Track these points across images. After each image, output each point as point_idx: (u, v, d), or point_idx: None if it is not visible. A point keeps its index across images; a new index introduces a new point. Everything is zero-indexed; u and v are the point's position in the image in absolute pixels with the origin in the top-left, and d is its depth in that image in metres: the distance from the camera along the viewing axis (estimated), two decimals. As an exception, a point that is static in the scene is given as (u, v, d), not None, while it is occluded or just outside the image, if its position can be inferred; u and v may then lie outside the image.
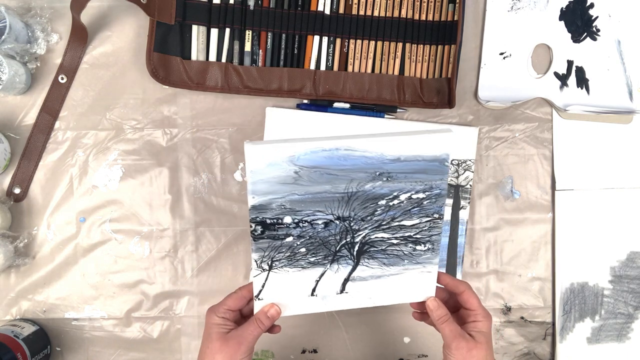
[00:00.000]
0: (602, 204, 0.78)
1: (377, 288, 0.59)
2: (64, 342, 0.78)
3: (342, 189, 0.54)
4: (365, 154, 0.53)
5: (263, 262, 0.56)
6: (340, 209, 0.55)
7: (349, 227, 0.56)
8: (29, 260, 0.77)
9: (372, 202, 0.55)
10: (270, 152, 0.51)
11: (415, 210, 0.56)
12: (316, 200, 0.54)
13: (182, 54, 0.76)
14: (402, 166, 0.53)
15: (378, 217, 0.55)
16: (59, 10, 0.76)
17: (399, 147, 0.53)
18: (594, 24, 0.77)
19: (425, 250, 0.58)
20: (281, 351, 0.78)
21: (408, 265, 0.58)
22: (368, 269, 0.58)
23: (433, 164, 0.54)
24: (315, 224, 0.55)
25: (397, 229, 0.56)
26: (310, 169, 0.52)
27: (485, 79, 0.77)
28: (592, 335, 0.78)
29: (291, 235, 0.55)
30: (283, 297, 0.58)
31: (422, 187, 0.55)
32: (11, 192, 0.77)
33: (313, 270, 0.57)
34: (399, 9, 0.76)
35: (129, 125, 0.77)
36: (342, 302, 0.59)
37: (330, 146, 0.52)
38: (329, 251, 0.56)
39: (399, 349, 0.79)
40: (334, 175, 0.53)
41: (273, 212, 0.53)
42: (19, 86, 0.74)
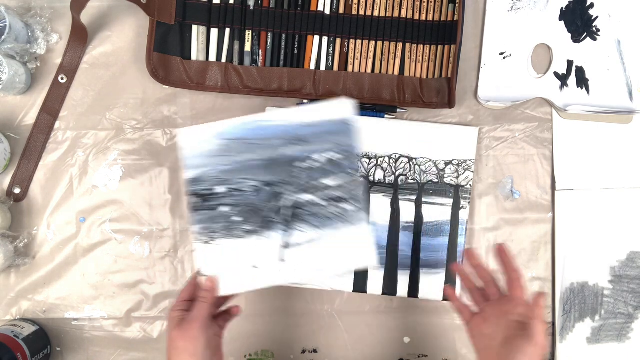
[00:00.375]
0: (602, 204, 0.78)
1: (315, 254, 0.61)
2: (64, 342, 0.78)
3: (265, 156, 0.61)
4: (281, 122, 0.61)
5: (202, 234, 0.61)
6: (265, 175, 0.61)
7: (276, 192, 0.61)
8: (29, 260, 0.77)
9: (291, 165, 0.61)
10: (200, 131, 0.60)
11: (333, 169, 0.61)
12: (243, 168, 0.61)
13: (182, 54, 0.76)
14: (313, 130, 0.61)
15: (300, 179, 0.61)
16: (59, 10, 0.76)
17: (307, 115, 0.61)
18: (594, 24, 0.77)
19: (352, 210, 0.61)
20: (281, 351, 0.78)
21: (340, 226, 0.61)
22: (302, 233, 0.61)
23: (339, 125, 0.61)
24: (245, 191, 0.61)
25: (320, 190, 0.61)
26: (234, 141, 0.61)
27: (485, 79, 0.77)
28: (592, 335, 0.78)
29: (225, 205, 0.60)
30: (226, 270, 0.61)
31: (334, 146, 0.61)
32: (11, 192, 0.77)
33: (250, 239, 0.61)
34: (399, 9, 0.76)
35: (129, 125, 0.77)
36: (285, 274, 0.61)
37: (245, 120, 0.61)
38: (262, 218, 0.61)
39: (399, 349, 0.79)
40: (256, 144, 0.61)
41: (206, 183, 0.60)
42: (19, 86, 0.74)
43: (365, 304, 0.78)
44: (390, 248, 0.76)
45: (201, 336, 0.57)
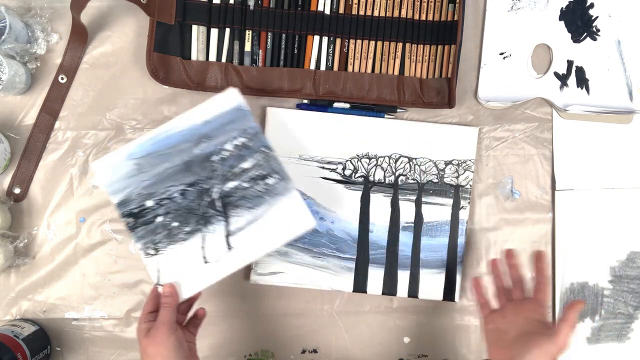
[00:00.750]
0: (602, 204, 0.78)
1: (259, 233, 0.64)
2: (64, 342, 0.78)
3: (178, 161, 0.65)
4: (179, 129, 0.65)
5: (148, 249, 0.64)
6: (186, 177, 0.65)
7: (202, 189, 0.65)
8: (29, 260, 0.77)
9: (206, 161, 0.65)
10: (112, 158, 0.65)
11: (245, 152, 0.65)
12: (164, 178, 0.64)
13: (182, 54, 0.76)
14: (213, 125, 0.66)
15: (219, 171, 0.65)
16: (59, 10, 0.76)
17: (203, 114, 0.66)
18: (594, 24, 0.77)
19: (277, 182, 0.65)
20: (281, 351, 0.78)
21: (272, 200, 0.65)
22: (240, 218, 0.64)
23: (234, 113, 0.66)
24: (174, 197, 0.64)
25: (241, 174, 0.65)
26: (144, 158, 0.65)
27: (485, 79, 0.77)
28: (592, 335, 0.78)
29: (159, 215, 0.64)
30: (181, 275, 0.63)
31: (238, 133, 0.65)
32: (11, 192, 0.77)
33: (193, 239, 0.64)
34: (399, 9, 0.76)
35: (129, 125, 0.77)
36: (237, 260, 0.64)
37: (151, 135, 0.65)
38: (198, 216, 0.64)
39: (399, 349, 0.79)
40: (166, 154, 0.65)
41: (135, 202, 0.64)
42: (19, 86, 0.74)
43: (365, 304, 0.78)
44: (390, 248, 0.76)
45: (170, 338, 0.59)
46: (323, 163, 0.76)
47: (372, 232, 0.76)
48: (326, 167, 0.76)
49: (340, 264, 0.76)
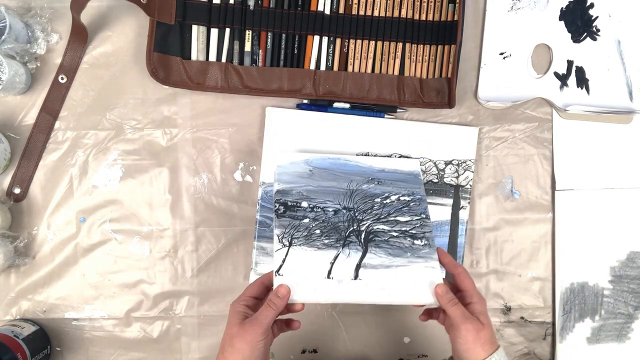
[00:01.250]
0: (602, 204, 0.78)
1: (388, 279, 0.63)
2: (64, 342, 0.78)
3: (345, 186, 0.70)
4: (358, 164, 0.73)
5: (284, 237, 0.64)
6: (345, 201, 0.68)
7: (354, 217, 0.67)
8: (29, 260, 0.77)
9: (369, 198, 0.69)
10: (291, 156, 0.72)
11: (405, 209, 0.69)
12: (326, 192, 0.69)
13: (182, 54, 0.76)
14: (387, 175, 0.72)
15: (376, 210, 0.68)
16: (59, 10, 0.76)
17: (381, 163, 0.74)
18: (594, 24, 0.77)
19: (423, 245, 0.65)
20: (281, 351, 0.78)
21: (412, 258, 0.64)
22: (376, 257, 0.64)
23: (409, 176, 0.73)
24: (327, 210, 0.67)
25: (394, 223, 0.67)
26: (320, 169, 0.72)
27: (485, 79, 0.77)
28: (592, 335, 0.78)
29: (307, 217, 0.66)
30: (301, 275, 0.61)
31: (406, 192, 0.70)
32: (11, 192, 0.77)
33: (327, 252, 0.64)
34: (399, 9, 0.76)
35: (129, 125, 0.77)
36: (357, 291, 0.62)
37: (333, 156, 0.73)
38: (340, 235, 0.65)
39: (399, 349, 0.79)
40: (338, 175, 0.71)
41: (293, 196, 0.68)
42: (19, 86, 0.74)
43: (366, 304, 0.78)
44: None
45: (260, 342, 0.56)
46: (323, 163, 0.77)
47: (373, 232, 0.77)
48: (326, 167, 0.77)
49: (341, 264, 0.76)
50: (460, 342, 0.57)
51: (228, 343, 0.57)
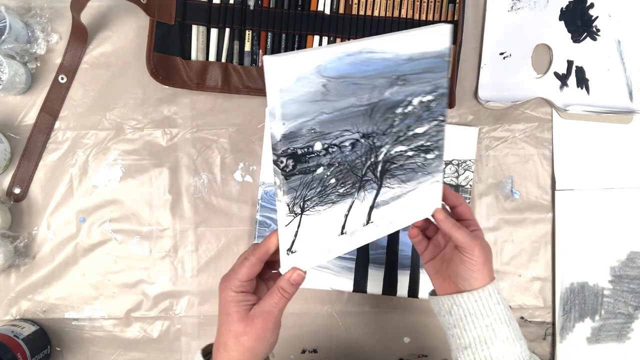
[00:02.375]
0: (602, 204, 0.78)
1: (397, 210, 0.55)
2: (64, 342, 0.78)
3: (366, 100, 0.48)
4: (384, 55, 0.48)
5: (295, 204, 0.48)
6: (365, 124, 0.49)
7: (373, 145, 0.51)
8: (29, 260, 0.77)
9: (390, 111, 0.51)
10: (298, 64, 0.43)
11: (426, 115, 0.53)
12: (343, 118, 0.48)
13: (182, 54, 0.76)
14: (414, 66, 0.50)
15: (397, 128, 0.52)
16: (59, 10, 0.76)
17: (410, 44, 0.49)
18: (594, 24, 0.77)
19: (433, 159, 0.56)
20: (281, 351, 0.78)
21: (421, 178, 0.55)
22: (389, 189, 0.54)
23: (437, 60, 0.51)
24: (343, 147, 0.49)
25: (412, 139, 0.53)
26: (337, 80, 0.46)
27: (485, 79, 0.77)
28: (592, 335, 0.78)
29: (322, 165, 0.48)
30: (314, 244, 0.51)
31: (430, 87, 0.52)
32: (11, 192, 0.77)
33: (342, 203, 0.51)
34: (399, 9, 0.76)
35: (129, 125, 0.77)
36: (367, 235, 0.54)
37: (353, 49, 0.46)
38: (356, 177, 0.51)
39: (399, 349, 0.79)
40: (359, 85, 0.48)
41: (303, 139, 0.46)
42: (19, 86, 0.74)
43: (365, 304, 0.78)
44: (390, 248, 0.76)
45: (272, 336, 0.49)
46: (323, 163, 0.75)
47: (373, 232, 0.76)
48: (327, 167, 0.75)
49: (340, 264, 0.76)
50: (470, 263, 0.53)
51: (233, 341, 0.48)
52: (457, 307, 0.54)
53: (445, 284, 0.57)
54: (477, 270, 0.54)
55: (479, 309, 0.53)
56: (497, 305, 0.53)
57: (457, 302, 0.54)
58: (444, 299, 0.55)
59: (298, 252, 0.49)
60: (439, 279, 0.58)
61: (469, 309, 0.53)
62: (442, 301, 0.55)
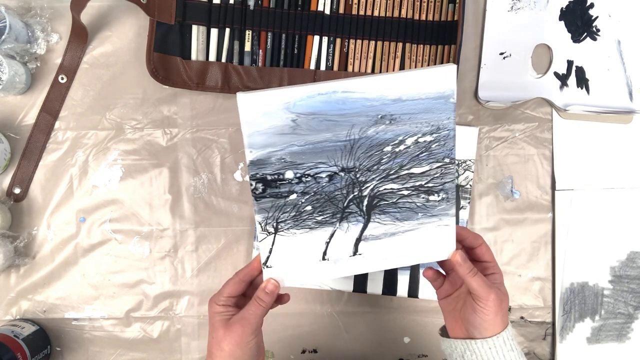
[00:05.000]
0: (602, 204, 0.78)
1: (392, 247, 0.54)
2: (64, 342, 0.78)
3: (344, 136, 0.49)
4: (365, 95, 0.48)
5: (267, 224, 0.52)
6: (344, 159, 0.51)
7: (355, 179, 0.52)
8: (29, 260, 0.77)
9: (377, 149, 0.50)
10: (265, 100, 0.47)
11: (424, 155, 0.51)
12: (317, 151, 0.50)
13: (182, 54, 0.76)
14: (405, 106, 0.49)
15: (385, 165, 0.51)
16: (59, 10, 0.76)
17: (399, 86, 0.48)
18: (594, 24, 0.77)
19: (439, 201, 0.53)
20: (281, 351, 0.78)
21: (423, 219, 0.54)
22: (380, 225, 0.53)
23: (438, 101, 0.49)
24: (319, 178, 0.51)
25: (406, 178, 0.52)
26: (307, 116, 0.48)
27: (485, 79, 0.77)
28: (592, 335, 0.78)
29: (294, 192, 0.51)
30: (292, 263, 0.54)
31: (429, 128, 0.50)
32: (11, 192, 0.77)
33: (322, 230, 0.53)
34: (399, 9, 0.76)
35: (129, 125, 0.77)
36: (355, 266, 0.54)
37: (326, 89, 0.48)
38: (337, 208, 0.52)
39: (399, 349, 0.79)
40: (334, 121, 0.49)
41: (273, 166, 0.50)
42: (19, 86, 0.74)
43: (365, 304, 0.78)
44: (390, 248, 0.76)
45: (251, 342, 0.53)
46: (323, 163, 0.76)
47: (373, 232, 0.76)
48: (326, 167, 0.76)
49: (341, 264, 0.76)
50: (483, 313, 0.53)
51: (216, 347, 0.53)
52: (470, 353, 0.54)
53: (457, 326, 0.57)
54: (489, 320, 0.53)
55: (492, 356, 0.53)
56: (510, 352, 0.53)
57: (471, 348, 0.54)
58: (457, 343, 0.55)
59: (274, 267, 0.54)
60: (451, 319, 0.58)
61: (482, 355, 0.53)
62: (455, 345, 0.55)
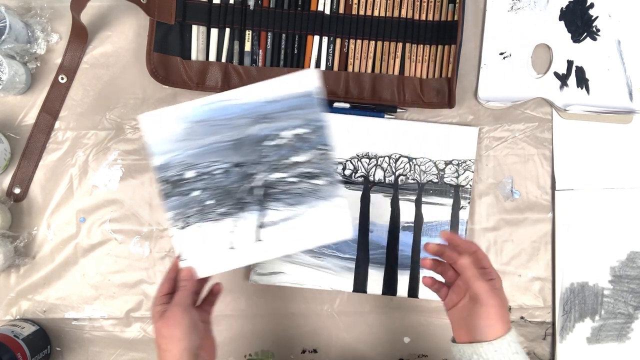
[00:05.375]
0: (602, 204, 0.78)
1: (291, 231, 0.61)
2: (64, 342, 0.78)
3: (229, 137, 0.60)
4: (243, 101, 0.60)
5: (178, 220, 0.61)
6: (234, 156, 0.60)
7: (246, 172, 0.61)
8: (29, 260, 0.77)
9: (259, 144, 0.60)
10: (163, 115, 0.60)
11: (302, 145, 0.60)
12: (210, 151, 0.60)
13: (182, 54, 0.76)
14: (278, 106, 0.60)
15: (270, 157, 0.60)
16: (59, 10, 0.76)
17: (271, 90, 0.60)
18: (594, 24, 0.77)
19: (325, 184, 0.61)
20: (281, 351, 0.78)
21: (314, 202, 0.61)
22: (276, 212, 0.61)
23: (305, 99, 0.60)
24: (215, 174, 0.60)
25: (291, 167, 0.61)
26: (197, 124, 0.60)
27: (485, 79, 0.77)
28: (592, 335, 0.78)
29: (196, 189, 0.60)
30: (204, 253, 0.61)
31: (302, 122, 0.60)
32: (11, 192, 0.77)
33: (225, 221, 0.61)
34: (399, 9, 0.76)
35: (129, 125, 0.77)
36: (261, 252, 0.62)
37: (210, 100, 0.60)
38: (235, 199, 0.61)
39: (399, 349, 0.79)
40: (220, 126, 0.60)
41: (175, 169, 0.60)
42: (19, 86, 0.74)
43: (365, 304, 0.78)
44: (390, 248, 0.76)
45: (184, 319, 0.57)
46: (323, 163, 0.76)
47: (372, 232, 0.76)
48: (326, 167, 0.76)
49: (340, 264, 0.76)
50: (484, 317, 0.56)
51: (158, 336, 0.58)
52: (477, 356, 0.56)
53: (463, 333, 0.59)
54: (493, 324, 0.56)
55: (498, 358, 0.55)
56: (515, 355, 0.55)
57: (478, 351, 0.56)
58: (465, 347, 0.57)
59: (188, 259, 0.61)
60: (459, 328, 0.60)
61: (488, 358, 0.55)
62: (464, 349, 0.57)
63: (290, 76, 0.60)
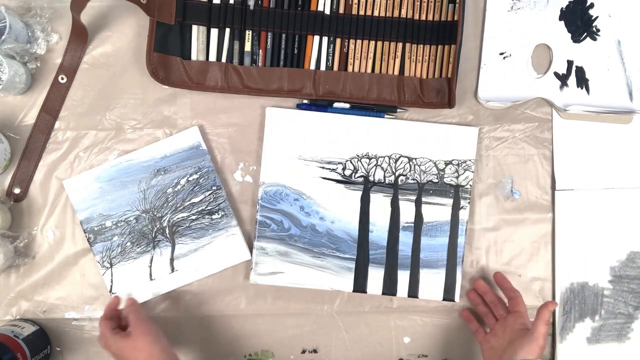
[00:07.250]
0: (602, 204, 0.78)
1: (199, 260, 0.75)
2: (64, 342, 0.78)
3: (136, 189, 0.75)
4: (140, 160, 0.75)
5: (104, 262, 0.75)
6: (142, 205, 0.75)
7: (154, 216, 0.75)
8: (29, 260, 0.77)
9: (162, 192, 0.75)
10: (81, 179, 0.75)
11: (197, 189, 0.75)
12: (122, 203, 0.75)
13: (182, 54, 0.76)
14: (171, 160, 0.75)
15: (172, 202, 0.75)
16: (59, 10, 0.76)
17: (162, 149, 0.75)
18: (594, 24, 0.77)
19: (220, 218, 0.75)
20: (281, 351, 0.78)
21: (214, 233, 0.75)
22: (184, 245, 0.75)
23: (192, 150, 0.76)
24: (129, 220, 0.75)
25: (190, 207, 0.75)
26: (109, 182, 0.75)
27: (485, 79, 0.77)
28: (592, 335, 0.78)
29: (116, 235, 0.75)
30: (130, 286, 0.75)
31: (193, 170, 0.75)
32: (11, 192, 0.77)
33: (143, 258, 0.75)
34: (399, 9, 0.76)
35: (129, 125, 0.77)
36: (177, 280, 0.76)
37: (115, 162, 0.75)
38: (149, 239, 0.75)
39: (399, 349, 0.79)
40: (126, 181, 0.75)
41: (96, 220, 0.75)
42: (19, 86, 0.74)
43: (365, 304, 0.78)
44: (390, 248, 0.76)
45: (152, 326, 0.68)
46: (323, 163, 0.76)
47: (372, 232, 0.76)
48: (326, 167, 0.76)
49: (340, 264, 0.76)
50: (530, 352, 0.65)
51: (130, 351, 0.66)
52: None
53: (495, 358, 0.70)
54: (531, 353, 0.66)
55: None
56: None
57: None
58: None
59: (117, 292, 0.75)
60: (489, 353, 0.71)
61: None
62: None
63: (176, 135, 0.75)
